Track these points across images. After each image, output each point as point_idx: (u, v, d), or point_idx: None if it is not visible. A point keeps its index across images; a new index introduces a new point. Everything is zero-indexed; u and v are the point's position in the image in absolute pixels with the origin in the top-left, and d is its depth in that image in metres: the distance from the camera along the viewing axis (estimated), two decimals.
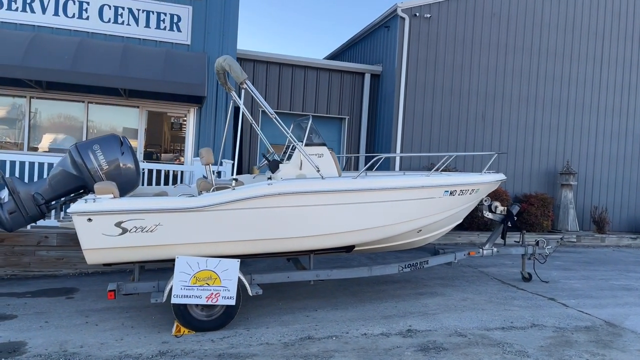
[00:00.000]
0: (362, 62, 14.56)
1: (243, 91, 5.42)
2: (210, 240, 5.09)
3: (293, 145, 6.31)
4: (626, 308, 6.40)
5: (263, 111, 12.48)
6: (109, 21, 10.01)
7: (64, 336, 4.86)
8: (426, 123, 12.51)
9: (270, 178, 6.47)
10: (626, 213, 14.35)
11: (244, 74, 5.35)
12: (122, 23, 10.10)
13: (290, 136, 5.62)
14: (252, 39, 50.65)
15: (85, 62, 8.78)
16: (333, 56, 17.08)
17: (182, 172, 9.76)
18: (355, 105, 13.33)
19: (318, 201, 5.37)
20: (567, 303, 6.53)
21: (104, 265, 5.27)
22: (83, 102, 10.14)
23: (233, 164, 11.76)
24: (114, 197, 4.87)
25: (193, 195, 5.13)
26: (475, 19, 12.74)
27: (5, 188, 5.72)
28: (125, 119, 10.56)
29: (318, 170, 5.55)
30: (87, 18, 9.88)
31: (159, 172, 8.85)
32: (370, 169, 12.96)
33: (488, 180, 6.77)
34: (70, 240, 7.74)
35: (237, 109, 10.89)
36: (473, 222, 11.55)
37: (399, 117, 12.25)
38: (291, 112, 12.65)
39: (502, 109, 13.09)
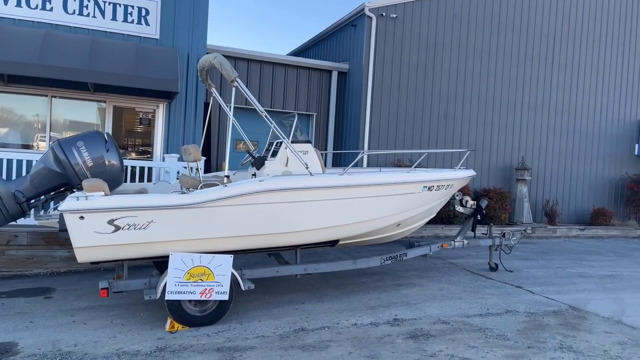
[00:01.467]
0: (328, 59, 14.74)
1: (234, 89, 5.48)
2: (203, 237, 5.14)
3: (277, 142, 6.43)
4: (585, 294, 6.94)
5: (234, 107, 12.45)
6: (73, 13, 9.70)
7: (54, 335, 4.79)
8: (392, 120, 12.88)
9: (254, 175, 6.56)
10: (574, 205, 15.32)
11: (235, 72, 5.43)
12: (88, 15, 9.81)
13: (280, 134, 5.74)
14: (211, 31, 49.84)
15: (54, 55, 8.49)
16: (298, 52, 17.17)
17: (150, 168, 9.56)
18: (322, 102, 13.52)
19: (308, 197, 5.52)
20: (533, 290, 7.00)
21: (92, 263, 5.22)
22: (46, 96, 9.79)
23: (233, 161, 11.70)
24: (105, 195, 4.83)
25: (185, 192, 5.15)
26: (438, 21, 13.21)
27: None
28: (91, 114, 10.28)
29: (307, 167, 5.70)
30: (51, 9, 9.53)
31: (132, 168, 8.71)
32: (338, 164, 13.21)
33: (462, 176, 7.14)
34: (42, 239, 7.52)
35: (205, 106, 10.86)
36: (436, 215, 11.99)
37: (367, 114, 12.54)
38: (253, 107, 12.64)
39: (463, 107, 13.65)
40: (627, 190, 15.62)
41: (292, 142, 6.01)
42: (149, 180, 8.98)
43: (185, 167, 8.45)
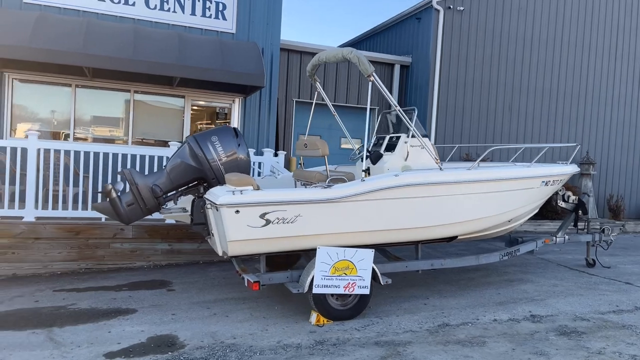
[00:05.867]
0: (385, 51, 14.65)
1: (370, 84, 5.48)
2: (344, 231, 5.15)
3: (392, 137, 6.41)
4: None
5: (297, 101, 12.52)
6: (155, 8, 9.79)
7: (207, 328, 4.85)
8: (458, 115, 12.77)
9: (368, 169, 6.54)
10: (635, 200, 15.08)
11: (372, 66, 5.40)
12: (168, 10, 9.89)
13: (413, 129, 5.73)
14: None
15: (144, 50, 8.57)
16: (351, 44, 17.09)
17: None
18: (384, 95, 13.43)
19: (440, 192, 5.50)
20: None
21: (233, 257, 5.26)
22: (129, 91, 9.90)
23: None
24: (255, 189, 4.86)
25: (327, 187, 5.14)
26: (504, 12, 13.03)
27: (121, 180, 5.63)
28: (167, 109, 10.37)
29: (437, 161, 5.67)
30: (134, 4, 9.63)
31: None
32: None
33: (571, 171, 7.06)
34: (145, 232, 7.62)
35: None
36: None
37: (433, 109, 12.46)
38: (322, 102, 12.62)
39: (527, 100, 13.48)
40: None
41: (412, 136, 6.00)
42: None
43: (278, 162, 8.49)
